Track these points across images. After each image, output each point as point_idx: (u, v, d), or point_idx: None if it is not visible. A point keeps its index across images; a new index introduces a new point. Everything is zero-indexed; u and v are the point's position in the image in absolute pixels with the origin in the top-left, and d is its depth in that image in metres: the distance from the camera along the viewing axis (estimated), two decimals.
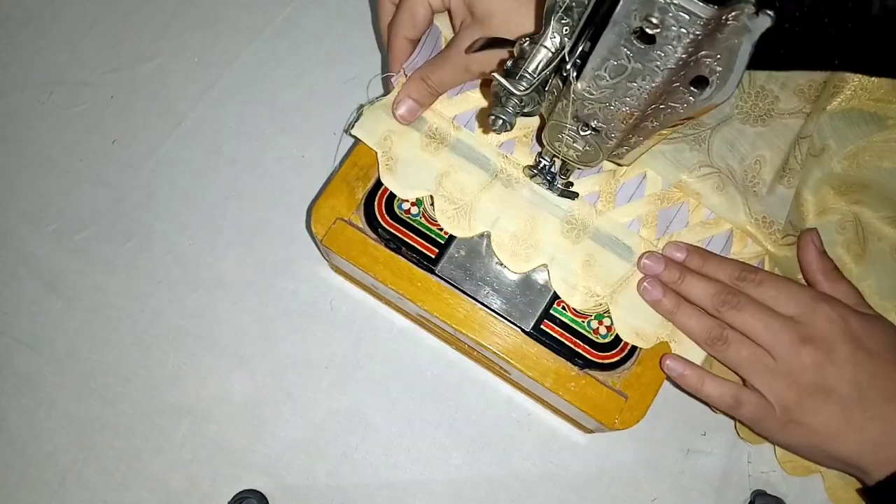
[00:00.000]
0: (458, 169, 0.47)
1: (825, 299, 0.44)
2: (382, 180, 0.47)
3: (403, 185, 0.47)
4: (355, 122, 0.48)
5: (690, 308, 0.45)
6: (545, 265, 0.46)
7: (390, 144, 0.48)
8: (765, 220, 0.48)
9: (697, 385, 0.45)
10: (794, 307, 0.43)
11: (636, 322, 0.46)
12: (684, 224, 0.48)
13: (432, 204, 0.47)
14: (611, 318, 0.47)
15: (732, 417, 0.48)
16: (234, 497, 0.51)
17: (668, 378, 0.46)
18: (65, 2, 0.61)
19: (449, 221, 0.47)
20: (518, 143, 0.48)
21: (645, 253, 0.46)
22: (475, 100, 0.49)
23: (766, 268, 0.48)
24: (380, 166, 0.47)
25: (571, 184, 0.47)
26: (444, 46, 0.48)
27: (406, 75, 0.47)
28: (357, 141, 0.49)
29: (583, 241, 0.47)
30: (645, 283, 0.45)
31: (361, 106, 0.48)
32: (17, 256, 0.55)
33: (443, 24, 0.49)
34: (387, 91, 0.49)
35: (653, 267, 0.45)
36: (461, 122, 0.48)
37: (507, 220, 0.47)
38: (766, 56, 0.37)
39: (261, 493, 0.51)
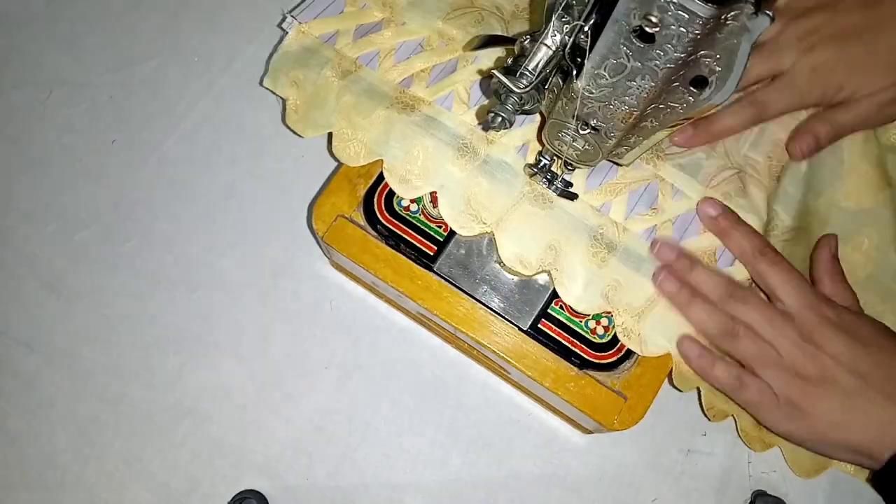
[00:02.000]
0: (356, 104, 0.48)
1: (826, 302, 0.45)
2: (288, 123, 0.50)
3: (306, 125, 0.50)
4: (263, 76, 0.51)
5: (702, 302, 0.45)
6: (436, 191, 0.47)
7: (296, 90, 0.50)
8: (772, 221, 0.48)
9: (708, 367, 0.45)
10: (797, 300, 0.44)
11: (520, 250, 0.46)
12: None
13: (431, 201, 0.47)
14: (608, 319, 0.47)
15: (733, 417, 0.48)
16: (234, 497, 0.51)
17: (679, 359, 0.46)
18: (65, 2, 0.61)
19: (345, 152, 0.48)
20: (416, 78, 0.49)
21: (659, 238, 0.46)
22: (378, 42, 0.51)
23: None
24: (287, 112, 0.50)
25: (571, 184, 0.47)
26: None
27: (294, 19, 0.50)
28: None
29: (474, 167, 0.47)
30: (661, 277, 0.46)
31: (269, 56, 0.51)
32: (17, 256, 0.55)
33: None
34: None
35: (667, 254, 0.46)
36: (364, 61, 0.50)
37: (397, 146, 0.47)
38: None
39: (261, 494, 0.51)
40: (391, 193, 0.48)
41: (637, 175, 0.48)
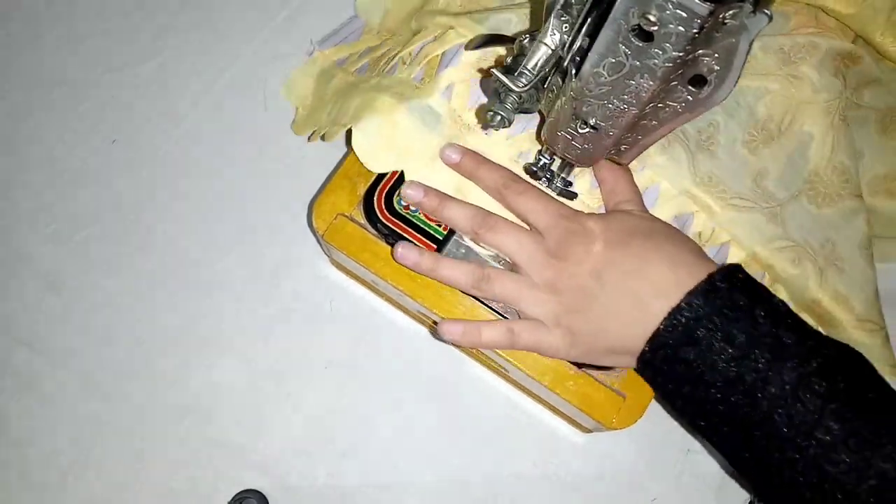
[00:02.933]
0: (335, 97, 0.52)
1: (570, 216, 0.44)
2: (294, 129, 0.57)
3: (305, 126, 0.55)
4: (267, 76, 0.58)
5: (448, 260, 0.46)
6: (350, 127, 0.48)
7: (302, 101, 0.57)
8: (711, 180, 0.47)
9: (477, 337, 0.44)
10: (544, 221, 0.44)
11: None
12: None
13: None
14: None
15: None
16: (234, 497, 0.51)
17: (451, 342, 0.46)
18: (65, 2, 0.61)
19: (301, 123, 0.55)
20: (400, 63, 0.50)
21: (406, 182, 0.46)
22: (373, 54, 0.54)
23: (723, 239, 0.47)
24: (296, 117, 0.58)
25: (571, 182, 0.47)
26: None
27: (316, 48, 0.57)
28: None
29: (396, 106, 0.47)
30: (399, 249, 0.45)
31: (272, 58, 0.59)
32: (17, 256, 0.55)
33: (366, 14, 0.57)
34: None
35: (413, 195, 0.46)
36: (360, 73, 0.54)
37: (334, 101, 0.51)
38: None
39: (261, 493, 0.51)
40: (391, 192, 0.48)
41: None
